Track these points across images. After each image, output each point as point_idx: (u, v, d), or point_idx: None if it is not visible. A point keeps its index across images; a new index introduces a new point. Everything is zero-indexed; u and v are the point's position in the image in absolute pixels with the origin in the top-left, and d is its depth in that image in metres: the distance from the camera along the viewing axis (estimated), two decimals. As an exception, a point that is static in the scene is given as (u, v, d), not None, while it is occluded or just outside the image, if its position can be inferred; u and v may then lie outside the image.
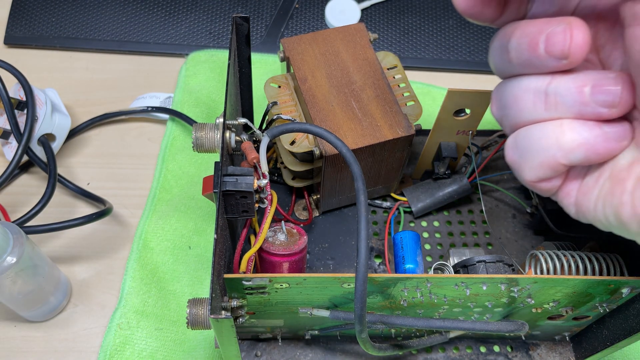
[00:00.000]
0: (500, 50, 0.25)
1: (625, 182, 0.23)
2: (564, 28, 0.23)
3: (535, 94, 0.24)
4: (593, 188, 0.25)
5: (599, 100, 0.23)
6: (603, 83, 0.23)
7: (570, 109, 0.24)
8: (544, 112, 0.24)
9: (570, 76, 0.24)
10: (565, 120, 0.24)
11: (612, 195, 0.23)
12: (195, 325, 0.28)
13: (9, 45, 0.56)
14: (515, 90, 0.25)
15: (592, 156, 0.24)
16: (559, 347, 0.41)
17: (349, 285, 0.29)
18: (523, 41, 0.24)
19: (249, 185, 0.29)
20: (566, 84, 0.24)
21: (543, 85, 0.24)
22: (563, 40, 0.23)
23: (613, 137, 0.23)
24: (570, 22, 0.23)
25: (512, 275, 0.29)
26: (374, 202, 0.44)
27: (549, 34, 0.23)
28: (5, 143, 0.48)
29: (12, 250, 0.35)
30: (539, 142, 0.25)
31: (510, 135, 0.26)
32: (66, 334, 0.42)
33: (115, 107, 0.53)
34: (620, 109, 0.23)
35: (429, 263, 0.43)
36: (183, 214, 0.46)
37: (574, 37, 0.22)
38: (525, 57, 0.24)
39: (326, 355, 0.39)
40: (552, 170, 0.25)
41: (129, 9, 0.58)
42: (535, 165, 0.25)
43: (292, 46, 0.40)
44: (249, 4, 0.59)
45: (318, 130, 0.31)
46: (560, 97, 0.24)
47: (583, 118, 0.24)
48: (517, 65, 0.25)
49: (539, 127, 0.25)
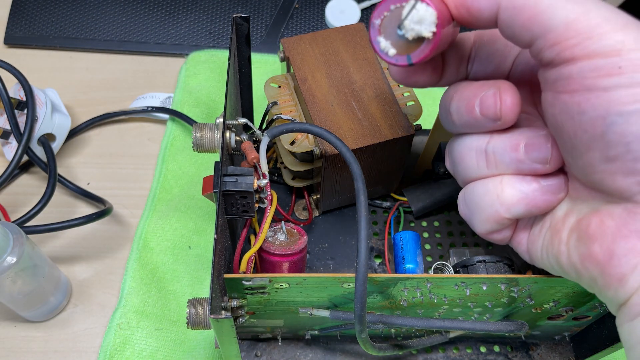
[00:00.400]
0: (444, 111, 0.27)
1: (560, 232, 0.25)
2: (494, 92, 0.24)
3: (477, 153, 0.26)
4: (538, 238, 0.26)
5: (532, 157, 0.25)
6: (534, 141, 0.25)
7: (509, 165, 0.25)
8: (486, 170, 0.26)
9: (506, 135, 0.25)
10: (505, 176, 0.26)
11: (552, 245, 0.25)
12: (195, 325, 0.28)
13: (9, 45, 0.56)
14: (461, 148, 0.27)
15: (532, 209, 0.25)
16: (559, 347, 0.41)
17: (349, 285, 0.29)
18: (461, 104, 0.26)
19: (249, 185, 0.29)
20: (503, 142, 0.25)
21: (483, 145, 0.26)
22: (494, 104, 0.24)
23: (550, 190, 0.25)
24: (499, 86, 0.25)
25: (512, 275, 0.29)
26: (374, 202, 0.44)
27: (482, 98, 0.25)
28: (5, 143, 0.48)
29: (12, 250, 0.35)
30: (483, 198, 0.26)
31: (461, 190, 0.28)
32: (66, 334, 0.42)
33: (115, 107, 0.53)
34: (552, 164, 0.25)
35: (429, 263, 0.43)
36: (183, 214, 0.46)
37: (504, 100, 0.24)
38: (464, 120, 0.26)
39: (326, 355, 0.39)
40: (498, 224, 0.26)
41: (129, 9, 0.58)
42: (483, 219, 0.27)
43: (292, 46, 0.40)
44: (249, 4, 0.59)
45: (318, 130, 0.31)
46: (499, 156, 0.25)
47: (522, 173, 0.25)
48: (459, 126, 0.26)
49: (482, 183, 0.26)
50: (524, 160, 0.25)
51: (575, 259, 0.23)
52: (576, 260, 0.23)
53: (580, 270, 0.23)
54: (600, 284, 0.22)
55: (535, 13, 0.21)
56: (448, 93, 0.27)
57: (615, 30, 0.20)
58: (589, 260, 0.22)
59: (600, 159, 0.21)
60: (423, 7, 0.22)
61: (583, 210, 0.24)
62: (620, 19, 0.21)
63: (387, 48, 0.24)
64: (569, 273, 0.24)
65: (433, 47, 0.23)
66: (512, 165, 0.25)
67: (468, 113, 0.25)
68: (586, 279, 0.23)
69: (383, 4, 0.23)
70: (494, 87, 0.25)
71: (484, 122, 0.25)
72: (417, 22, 0.23)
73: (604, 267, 0.22)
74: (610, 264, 0.22)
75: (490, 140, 0.26)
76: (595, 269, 0.22)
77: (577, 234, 0.23)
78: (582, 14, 0.20)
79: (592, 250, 0.22)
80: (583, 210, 0.24)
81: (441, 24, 0.22)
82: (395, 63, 0.24)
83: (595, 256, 0.22)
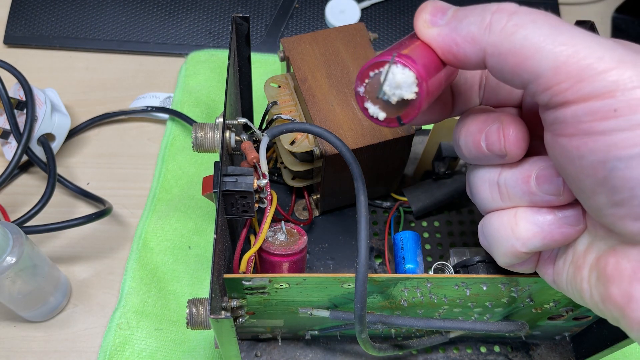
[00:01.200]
0: (456, 145, 0.27)
1: (582, 269, 0.23)
2: (497, 127, 0.24)
3: (490, 185, 0.25)
4: (562, 271, 0.25)
5: (544, 190, 0.24)
6: (545, 173, 0.24)
7: (522, 198, 0.24)
8: (501, 202, 0.25)
9: (516, 167, 0.24)
10: (520, 209, 0.25)
11: (575, 281, 0.24)
12: (195, 326, 0.28)
13: (8, 45, 0.56)
14: (476, 180, 0.26)
15: (550, 243, 0.24)
16: (559, 347, 0.40)
17: (349, 285, 0.29)
18: (468, 140, 0.25)
19: (249, 185, 0.29)
20: (514, 175, 0.24)
21: (495, 177, 0.25)
22: (498, 140, 0.24)
23: (567, 222, 0.24)
24: (502, 119, 0.24)
25: (512, 276, 0.29)
26: (374, 202, 0.44)
27: (486, 134, 0.24)
28: (5, 143, 0.48)
29: (12, 250, 0.35)
30: (499, 232, 0.25)
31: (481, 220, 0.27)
32: (66, 334, 0.42)
33: (115, 107, 0.53)
34: (566, 196, 0.23)
35: (429, 263, 0.42)
36: (183, 214, 0.46)
37: (507, 135, 0.24)
38: (474, 154, 0.25)
39: (326, 355, 0.39)
40: (516, 257, 0.25)
41: (129, 9, 0.58)
42: (501, 253, 0.26)
43: (292, 46, 0.40)
44: (249, 4, 0.59)
45: (318, 130, 0.31)
46: (511, 189, 0.25)
47: (536, 206, 0.24)
48: (470, 159, 0.26)
49: (498, 216, 0.25)
50: (536, 193, 0.24)
51: (597, 298, 0.22)
52: (598, 300, 0.22)
53: (602, 309, 0.22)
54: (623, 324, 0.22)
55: (522, 59, 0.20)
56: (457, 127, 0.26)
57: (609, 70, 0.19)
58: (609, 301, 0.22)
59: (607, 203, 0.20)
60: (399, 70, 0.21)
61: (602, 248, 0.23)
62: (614, 54, 0.19)
63: (376, 113, 0.23)
64: (593, 310, 0.23)
65: (419, 106, 0.22)
66: (525, 198, 0.24)
67: (475, 148, 0.25)
68: (609, 318, 0.22)
69: (362, 72, 0.23)
70: (497, 122, 0.24)
71: (492, 157, 0.25)
72: (396, 87, 0.22)
73: (623, 310, 0.21)
74: (629, 307, 0.21)
75: (502, 173, 0.25)
76: (616, 311, 0.21)
77: (597, 273, 0.22)
78: (571, 56, 0.19)
79: (611, 292, 0.21)
80: (601, 247, 0.23)
81: (424, 83, 0.21)
82: (388, 125, 0.23)
83: (614, 298, 0.21)
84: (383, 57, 0.22)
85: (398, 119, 0.23)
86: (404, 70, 0.21)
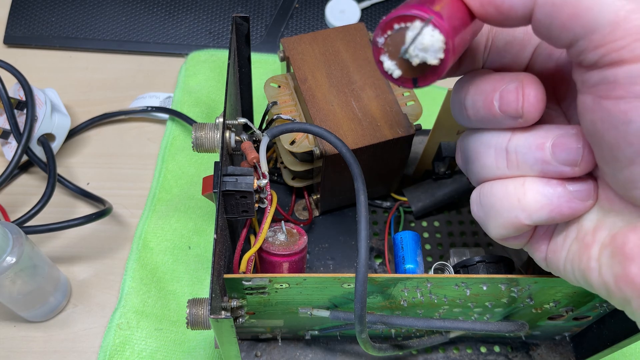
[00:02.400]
0: (458, 105, 0.25)
1: (590, 248, 0.22)
2: (516, 86, 0.22)
3: (497, 151, 0.23)
4: (561, 248, 0.24)
5: (560, 159, 0.22)
6: (563, 141, 0.22)
7: (533, 167, 0.23)
8: (507, 170, 0.23)
9: (530, 133, 0.23)
10: (528, 178, 0.23)
11: (579, 260, 0.23)
12: (195, 326, 0.28)
13: (8, 45, 0.56)
14: (477, 145, 0.24)
15: (556, 216, 0.23)
16: (559, 347, 0.40)
17: (349, 285, 0.29)
18: (478, 99, 0.23)
19: (249, 185, 0.29)
20: (526, 141, 0.23)
21: (504, 142, 0.23)
22: (516, 100, 0.22)
23: (577, 196, 0.22)
24: (522, 79, 0.22)
25: (512, 276, 0.29)
26: (374, 202, 0.44)
27: (501, 93, 0.22)
28: (5, 143, 0.48)
29: (12, 250, 0.35)
30: (502, 202, 0.23)
31: (475, 189, 0.25)
32: (66, 334, 0.42)
33: (115, 107, 0.53)
34: (582, 167, 0.22)
35: (429, 263, 0.42)
36: (183, 214, 0.46)
37: (527, 95, 0.22)
38: (482, 115, 0.23)
39: (326, 356, 0.39)
40: (516, 229, 0.24)
41: (129, 9, 0.58)
42: (499, 224, 0.24)
43: (292, 46, 0.40)
44: (249, 4, 0.59)
45: (318, 130, 0.31)
46: (521, 155, 0.23)
47: (546, 176, 0.23)
48: (475, 122, 0.24)
49: (501, 185, 0.24)
50: (550, 162, 0.22)
51: (608, 278, 0.21)
52: (609, 279, 0.21)
53: (612, 290, 0.21)
54: (635, 305, 0.21)
55: (578, 11, 0.18)
56: (462, 85, 0.24)
57: None
58: (624, 281, 0.20)
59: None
60: (429, 32, 0.19)
61: (617, 224, 0.22)
62: None
63: (392, 69, 0.21)
64: (598, 290, 0.22)
65: (440, 73, 0.20)
66: (536, 167, 0.22)
67: (486, 108, 0.23)
68: (618, 299, 0.21)
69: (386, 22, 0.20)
70: (516, 81, 0.22)
71: (503, 119, 0.23)
72: (423, 50, 0.20)
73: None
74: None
75: (512, 138, 0.23)
76: (631, 291, 0.20)
77: (611, 251, 0.21)
78: (633, 12, 0.18)
79: (629, 272, 0.20)
80: (617, 224, 0.22)
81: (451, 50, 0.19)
82: (401, 84, 0.22)
83: (631, 278, 0.20)
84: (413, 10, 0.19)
85: (414, 80, 0.21)
86: (434, 33, 0.19)
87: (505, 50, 0.24)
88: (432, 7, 0.19)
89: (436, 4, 0.19)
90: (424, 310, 0.33)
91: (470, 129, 0.25)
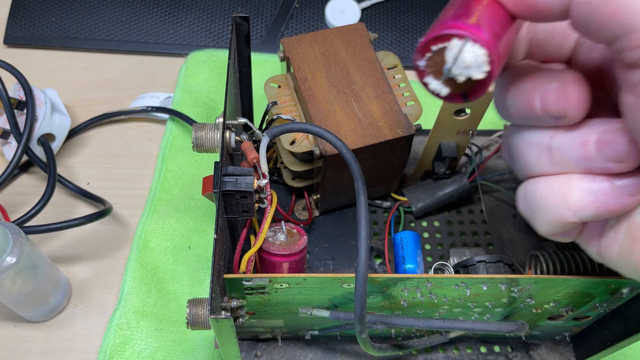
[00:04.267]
0: (500, 103, 0.24)
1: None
2: (558, 86, 0.21)
3: (539, 149, 0.23)
4: (614, 242, 0.23)
5: (605, 155, 0.21)
6: (608, 137, 0.21)
7: (577, 164, 0.22)
8: (550, 167, 0.23)
9: (573, 131, 0.22)
10: (573, 175, 0.22)
11: (632, 254, 0.22)
12: (195, 326, 0.28)
13: (8, 45, 0.56)
14: (520, 142, 0.24)
15: (603, 213, 0.22)
16: (559, 347, 0.40)
17: (349, 285, 0.29)
18: (519, 99, 0.23)
19: (249, 185, 0.29)
20: (569, 138, 0.22)
21: (546, 140, 0.23)
22: (557, 100, 0.21)
23: (625, 191, 0.22)
24: (564, 78, 0.21)
25: (512, 276, 0.29)
26: (374, 202, 0.44)
27: (543, 93, 0.22)
28: (5, 143, 0.48)
29: (12, 250, 0.35)
30: (547, 199, 0.23)
31: (521, 185, 0.25)
32: (66, 334, 0.42)
33: (115, 107, 0.53)
34: (629, 163, 0.21)
35: (429, 263, 0.42)
36: (183, 214, 0.46)
37: (569, 96, 0.21)
38: (523, 114, 0.23)
39: (326, 355, 0.39)
40: (562, 227, 0.23)
41: (129, 9, 0.58)
42: (546, 221, 0.24)
43: (292, 46, 0.40)
44: (249, 4, 0.59)
45: (318, 130, 0.31)
46: (564, 153, 0.22)
47: (592, 173, 0.22)
48: (517, 120, 0.24)
49: (546, 182, 0.23)
50: (594, 159, 0.21)
51: None
52: None
53: None
54: None
55: (617, 10, 0.17)
56: (503, 82, 0.23)
57: None
58: None
59: None
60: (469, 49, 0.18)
61: None
62: None
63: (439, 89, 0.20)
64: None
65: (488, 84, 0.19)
66: (580, 164, 0.22)
67: (527, 108, 0.22)
68: None
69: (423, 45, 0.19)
70: (558, 80, 0.21)
71: (546, 118, 0.22)
72: (466, 68, 0.19)
73: None
74: None
75: (555, 135, 0.22)
76: None
77: None
78: None
79: None
80: None
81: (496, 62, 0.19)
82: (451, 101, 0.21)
83: None
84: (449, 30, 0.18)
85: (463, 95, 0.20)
86: (474, 47, 0.18)
87: (547, 41, 0.24)
88: (468, 20, 0.18)
89: (471, 16, 0.19)
90: (424, 310, 0.33)
91: (513, 125, 0.25)
